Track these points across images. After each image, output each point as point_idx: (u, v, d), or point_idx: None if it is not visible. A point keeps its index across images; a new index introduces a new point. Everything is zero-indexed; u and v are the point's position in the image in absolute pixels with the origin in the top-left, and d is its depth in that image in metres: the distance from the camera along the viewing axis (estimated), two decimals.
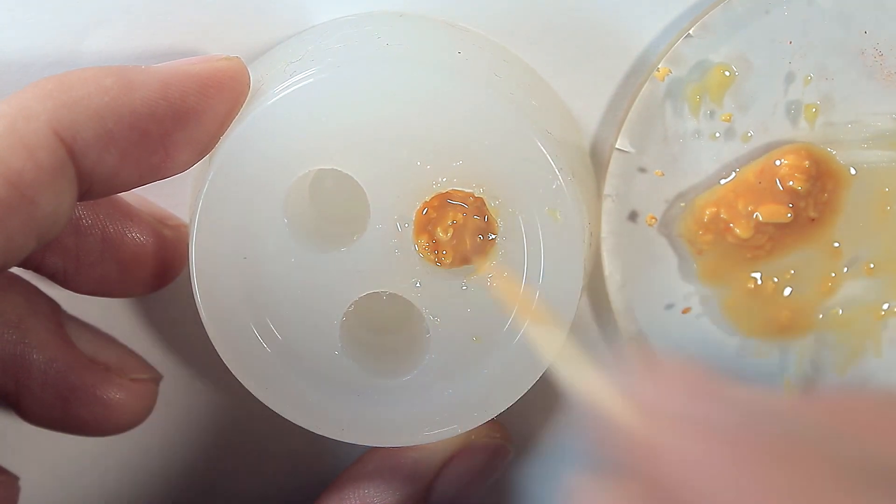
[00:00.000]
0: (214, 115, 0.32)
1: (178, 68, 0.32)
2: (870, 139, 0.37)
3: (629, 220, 0.38)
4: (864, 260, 0.38)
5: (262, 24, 0.37)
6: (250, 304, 0.34)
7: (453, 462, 0.38)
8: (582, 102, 0.38)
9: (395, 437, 0.36)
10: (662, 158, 0.38)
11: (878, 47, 0.36)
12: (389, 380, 0.35)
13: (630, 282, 0.39)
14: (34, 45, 0.37)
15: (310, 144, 0.33)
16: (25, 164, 0.29)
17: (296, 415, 0.35)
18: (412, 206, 0.34)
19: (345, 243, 0.34)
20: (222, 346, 0.34)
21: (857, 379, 0.39)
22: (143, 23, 0.37)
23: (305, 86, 0.32)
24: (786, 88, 0.37)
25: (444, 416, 0.35)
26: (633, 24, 0.38)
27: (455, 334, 0.35)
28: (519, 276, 0.34)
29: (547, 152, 0.33)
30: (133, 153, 0.31)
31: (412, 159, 0.33)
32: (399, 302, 0.35)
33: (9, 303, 0.36)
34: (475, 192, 0.34)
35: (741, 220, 0.37)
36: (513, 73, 0.36)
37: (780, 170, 0.37)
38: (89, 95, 0.30)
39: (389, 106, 0.33)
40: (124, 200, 0.37)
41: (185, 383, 0.41)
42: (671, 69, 0.37)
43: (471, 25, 0.37)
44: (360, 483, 0.38)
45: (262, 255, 0.34)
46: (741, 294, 0.39)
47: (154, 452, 0.42)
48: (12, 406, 0.36)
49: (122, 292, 0.37)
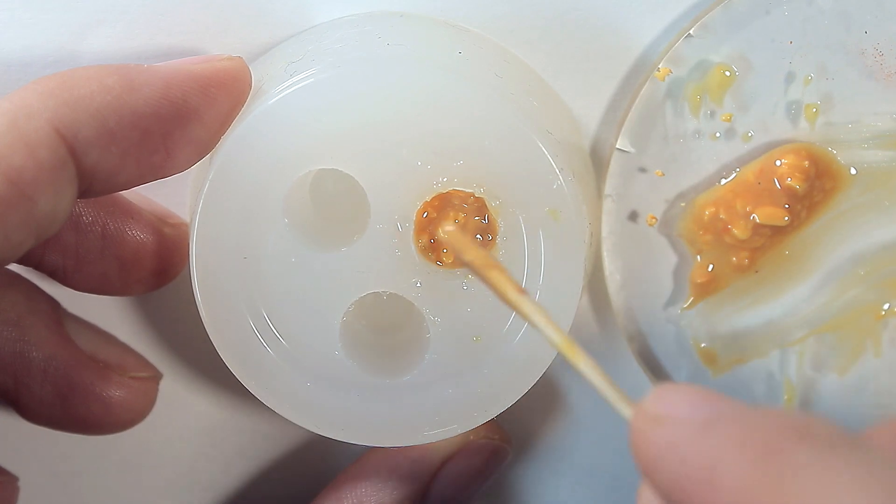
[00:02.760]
0: (216, 114, 0.32)
1: (179, 68, 0.32)
2: (870, 139, 0.37)
3: (629, 219, 0.38)
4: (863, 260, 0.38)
5: (263, 24, 0.37)
6: (250, 304, 0.34)
7: (452, 462, 0.38)
8: (582, 102, 0.38)
9: (396, 436, 0.36)
10: (663, 158, 0.38)
11: (879, 47, 0.36)
12: (389, 379, 0.35)
13: (630, 281, 0.39)
14: (34, 44, 0.37)
15: (310, 144, 0.33)
16: (26, 162, 0.29)
17: (295, 414, 0.35)
18: (413, 207, 0.34)
19: (345, 243, 0.34)
20: (222, 345, 0.34)
21: (858, 380, 0.39)
22: (143, 22, 0.37)
23: (306, 86, 0.32)
24: (786, 88, 0.37)
25: (444, 415, 0.35)
26: (633, 25, 0.38)
27: (455, 334, 0.35)
28: (519, 275, 0.34)
29: (547, 152, 0.33)
30: (134, 152, 0.31)
31: (413, 159, 0.33)
32: (399, 302, 0.35)
33: (8, 300, 0.36)
34: (476, 192, 0.34)
35: (739, 220, 0.37)
36: (513, 74, 0.36)
37: (780, 170, 0.37)
38: (91, 94, 0.30)
39: (390, 106, 0.33)
40: (125, 198, 0.37)
41: (184, 382, 0.41)
42: (671, 69, 0.37)
43: (471, 26, 0.37)
44: (357, 482, 0.38)
45: (263, 254, 0.34)
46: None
47: (154, 451, 0.42)
48: (12, 404, 0.36)
49: (122, 290, 0.37)
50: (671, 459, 0.24)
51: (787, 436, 0.23)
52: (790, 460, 0.22)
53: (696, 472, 0.23)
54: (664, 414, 0.25)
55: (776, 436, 0.23)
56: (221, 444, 0.42)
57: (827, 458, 0.22)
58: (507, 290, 0.31)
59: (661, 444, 0.24)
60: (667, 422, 0.24)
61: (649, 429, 0.25)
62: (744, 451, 0.23)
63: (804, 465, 0.22)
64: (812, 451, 0.22)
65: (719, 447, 0.23)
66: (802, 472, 0.22)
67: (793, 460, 0.22)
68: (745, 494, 0.22)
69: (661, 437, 0.24)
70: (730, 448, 0.23)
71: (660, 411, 0.25)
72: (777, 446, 0.23)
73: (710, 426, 0.24)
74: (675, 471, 0.24)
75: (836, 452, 0.22)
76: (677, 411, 0.24)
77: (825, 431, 0.23)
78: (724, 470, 0.23)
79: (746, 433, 0.23)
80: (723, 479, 0.23)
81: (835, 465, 0.22)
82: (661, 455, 0.24)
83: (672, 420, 0.24)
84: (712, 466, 0.23)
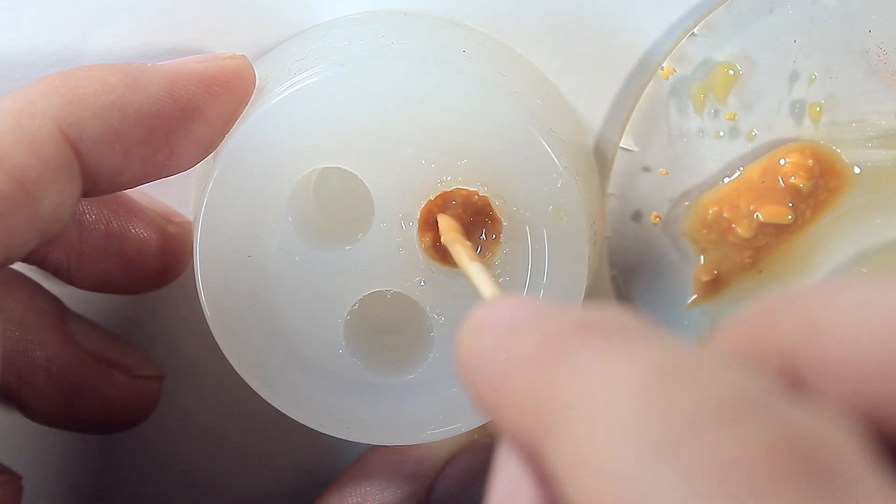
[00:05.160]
0: (220, 113, 0.32)
1: (184, 66, 0.32)
2: (874, 138, 0.37)
3: (633, 219, 0.38)
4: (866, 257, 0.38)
5: (267, 23, 0.37)
6: (254, 303, 0.34)
7: (455, 461, 0.38)
8: (586, 101, 0.38)
9: (399, 435, 0.36)
10: (666, 157, 0.38)
11: (883, 46, 0.36)
12: (393, 378, 0.35)
13: (634, 281, 0.39)
14: (38, 43, 0.37)
15: (314, 143, 0.33)
16: (30, 161, 0.29)
17: (299, 413, 0.35)
18: (416, 205, 0.34)
19: (349, 242, 0.34)
20: (226, 344, 0.34)
21: None
22: (147, 21, 0.37)
23: (310, 84, 0.32)
24: (790, 87, 0.37)
25: (448, 414, 0.35)
26: (637, 24, 0.38)
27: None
28: (523, 274, 0.34)
29: (551, 151, 0.33)
30: (138, 151, 0.31)
31: (417, 158, 0.33)
32: (403, 300, 0.35)
33: (11, 300, 0.36)
34: (480, 190, 0.34)
35: (743, 219, 0.37)
36: (517, 72, 0.36)
37: (784, 168, 0.37)
38: (95, 93, 0.30)
39: (394, 104, 0.33)
40: (129, 197, 0.37)
41: (188, 381, 0.41)
42: (675, 68, 0.37)
43: (475, 24, 0.37)
44: (361, 481, 0.38)
45: (267, 253, 0.34)
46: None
47: (157, 450, 0.42)
48: (15, 403, 0.36)
49: (125, 289, 0.37)
50: (481, 370, 0.22)
51: (573, 331, 0.21)
52: (569, 356, 0.21)
53: (493, 379, 0.22)
54: (483, 322, 0.23)
55: (564, 333, 0.21)
56: (224, 442, 0.42)
57: (604, 345, 0.20)
58: (462, 260, 0.31)
59: (475, 354, 0.23)
60: (484, 330, 0.23)
61: (467, 339, 0.23)
62: (534, 354, 0.21)
63: (582, 358, 0.20)
64: (590, 342, 0.21)
65: (514, 351, 0.22)
66: (575, 365, 0.20)
67: (572, 356, 0.21)
68: (527, 398, 0.21)
69: (474, 347, 0.23)
70: (523, 352, 0.22)
71: (481, 320, 0.23)
72: (562, 344, 0.21)
73: (515, 331, 0.22)
74: (480, 381, 0.22)
75: (617, 340, 0.20)
76: (495, 319, 0.23)
77: (615, 322, 0.21)
78: (514, 374, 0.21)
79: (543, 335, 0.21)
80: (513, 383, 0.21)
81: (611, 353, 0.20)
82: (475, 366, 0.23)
83: (487, 328, 0.23)
84: (505, 373, 0.22)
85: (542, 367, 0.21)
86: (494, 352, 0.22)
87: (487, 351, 0.22)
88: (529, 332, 0.22)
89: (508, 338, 0.22)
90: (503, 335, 0.22)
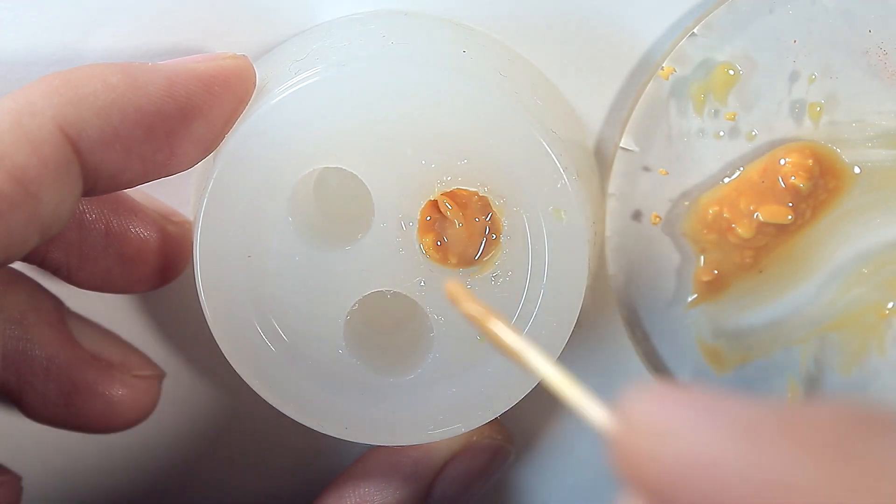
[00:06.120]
0: (220, 113, 0.32)
1: (184, 66, 0.32)
2: (874, 138, 0.37)
3: (633, 219, 0.38)
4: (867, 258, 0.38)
5: (268, 23, 0.37)
6: (254, 302, 0.34)
7: (454, 462, 0.38)
8: (586, 101, 0.38)
9: (399, 435, 0.36)
10: (666, 157, 0.38)
11: (883, 46, 0.36)
12: (393, 378, 0.35)
13: (634, 281, 0.39)
14: (38, 43, 0.37)
15: (314, 143, 0.33)
16: (30, 160, 0.29)
17: (299, 413, 0.35)
18: (417, 205, 0.34)
19: (349, 242, 0.34)
20: (226, 344, 0.34)
21: (861, 378, 0.39)
22: (147, 21, 0.37)
23: (310, 84, 0.32)
24: (790, 87, 0.37)
25: (448, 414, 0.35)
26: (637, 24, 0.38)
27: (458, 333, 0.35)
28: (523, 275, 0.34)
29: (551, 151, 0.33)
30: (138, 150, 0.31)
31: (417, 158, 0.33)
32: (403, 301, 0.35)
33: (11, 299, 0.36)
34: (480, 191, 0.34)
35: (743, 219, 0.37)
36: (517, 72, 0.36)
37: (784, 168, 0.37)
38: (95, 92, 0.30)
39: (394, 105, 0.33)
40: (128, 196, 0.37)
41: (188, 381, 0.41)
42: (675, 68, 0.37)
43: (475, 24, 0.37)
44: (359, 482, 0.38)
45: (267, 253, 0.34)
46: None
47: (157, 450, 0.42)
48: (15, 402, 0.36)
49: (125, 288, 0.37)
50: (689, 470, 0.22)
51: (849, 427, 0.21)
52: (863, 453, 0.21)
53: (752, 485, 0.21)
54: (660, 421, 0.22)
55: (834, 429, 0.21)
56: (224, 442, 0.42)
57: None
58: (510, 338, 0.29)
59: (671, 455, 0.22)
60: (676, 432, 0.22)
61: (650, 443, 0.22)
62: (808, 451, 0.21)
63: (881, 454, 0.21)
64: (882, 439, 0.21)
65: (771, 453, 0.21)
66: (883, 463, 0.21)
67: (865, 452, 0.21)
68: (825, 497, 0.21)
69: (676, 449, 0.22)
70: (791, 450, 0.21)
71: (654, 419, 0.22)
72: (837, 440, 0.21)
73: (751, 434, 0.22)
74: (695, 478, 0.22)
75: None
76: (673, 416, 0.22)
77: (882, 417, 0.21)
78: (796, 475, 0.21)
79: (792, 431, 0.21)
80: (797, 484, 0.21)
81: None
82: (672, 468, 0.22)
83: (678, 427, 0.22)
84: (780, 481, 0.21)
85: (835, 469, 0.21)
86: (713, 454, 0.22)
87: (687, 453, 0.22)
88: (769, 432, 0.22)
89: (744, 439, 0.22)
90: (728, 438, 0.22)
